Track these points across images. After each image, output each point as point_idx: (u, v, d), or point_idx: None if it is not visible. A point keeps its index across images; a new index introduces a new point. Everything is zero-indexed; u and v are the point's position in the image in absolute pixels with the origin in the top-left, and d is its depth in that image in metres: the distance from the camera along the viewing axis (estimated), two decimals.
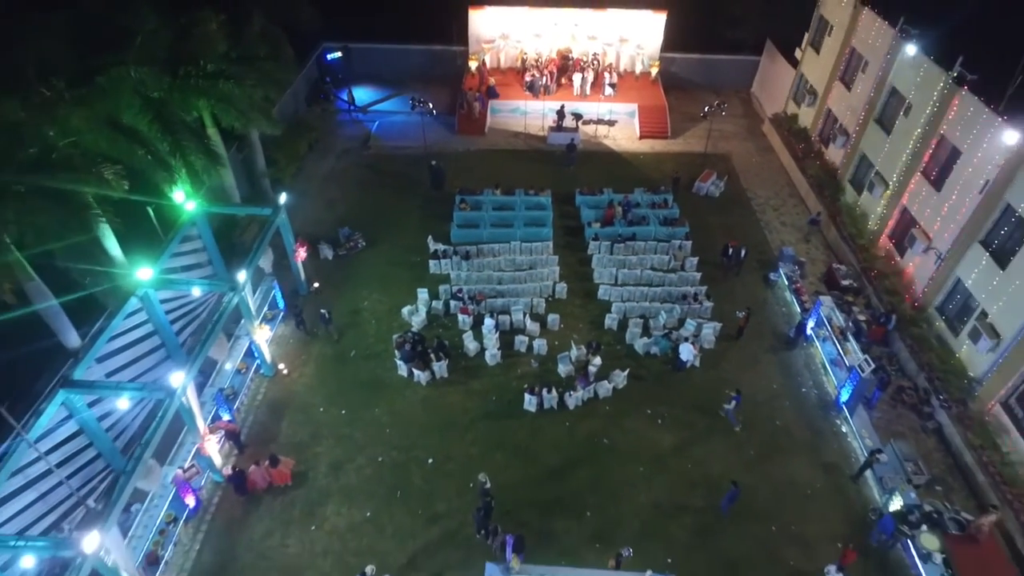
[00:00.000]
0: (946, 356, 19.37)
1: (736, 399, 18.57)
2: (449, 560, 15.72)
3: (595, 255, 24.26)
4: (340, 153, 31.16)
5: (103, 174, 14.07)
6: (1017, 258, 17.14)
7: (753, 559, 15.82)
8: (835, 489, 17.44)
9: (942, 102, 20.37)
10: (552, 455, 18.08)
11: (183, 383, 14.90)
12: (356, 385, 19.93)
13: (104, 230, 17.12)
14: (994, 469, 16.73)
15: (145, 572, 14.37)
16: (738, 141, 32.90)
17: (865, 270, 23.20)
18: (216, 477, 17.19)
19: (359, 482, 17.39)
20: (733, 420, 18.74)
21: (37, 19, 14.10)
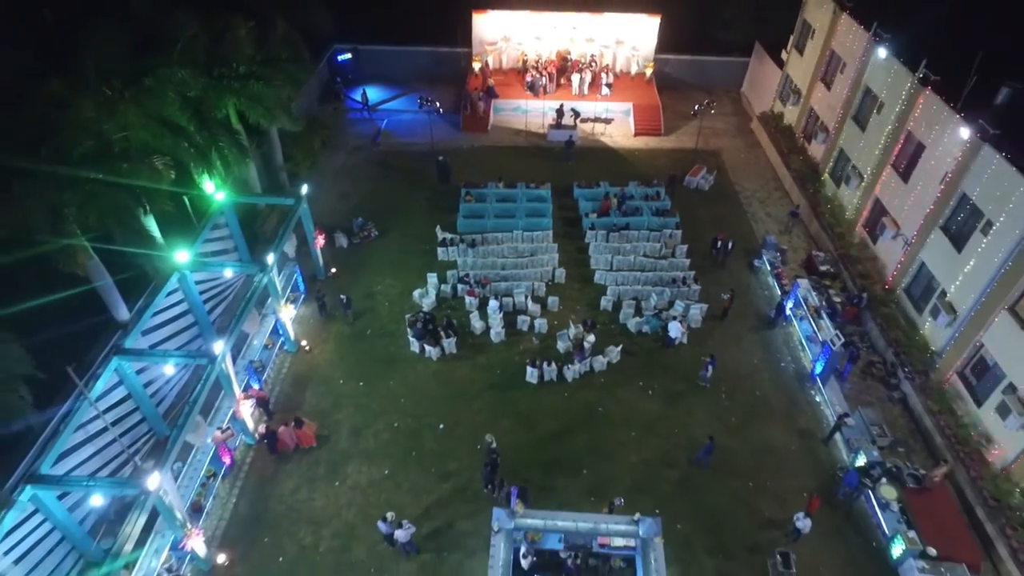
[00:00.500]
0: (911, 332, 21.24)
1: (711, 363, 20.47)
2: (460, 511, 17.56)
3: (592, 243, 26.12)
4: (351, 149, 32.98)
5: (155, 164, 15.88)
6: (970, 241, 19.00)
7: (732, 509, 17.67)
8: (807, 451, 19.30)
9: (909, 101, 22.23)
10: (552, 421, 19.93)
11: (223, 350, 16.75)
12: (372, 360, 21.77)
13: (148, 216, 18.90)
14: (950, 431, 18.59)
15: (190, 519, 16.18)
16: (728, 138, 34.74)
17: (842, 256, 25.07)
18: (248, 440, 19.04)
19: (377, 445, 19.24)
20: (705, 380, 20.60)
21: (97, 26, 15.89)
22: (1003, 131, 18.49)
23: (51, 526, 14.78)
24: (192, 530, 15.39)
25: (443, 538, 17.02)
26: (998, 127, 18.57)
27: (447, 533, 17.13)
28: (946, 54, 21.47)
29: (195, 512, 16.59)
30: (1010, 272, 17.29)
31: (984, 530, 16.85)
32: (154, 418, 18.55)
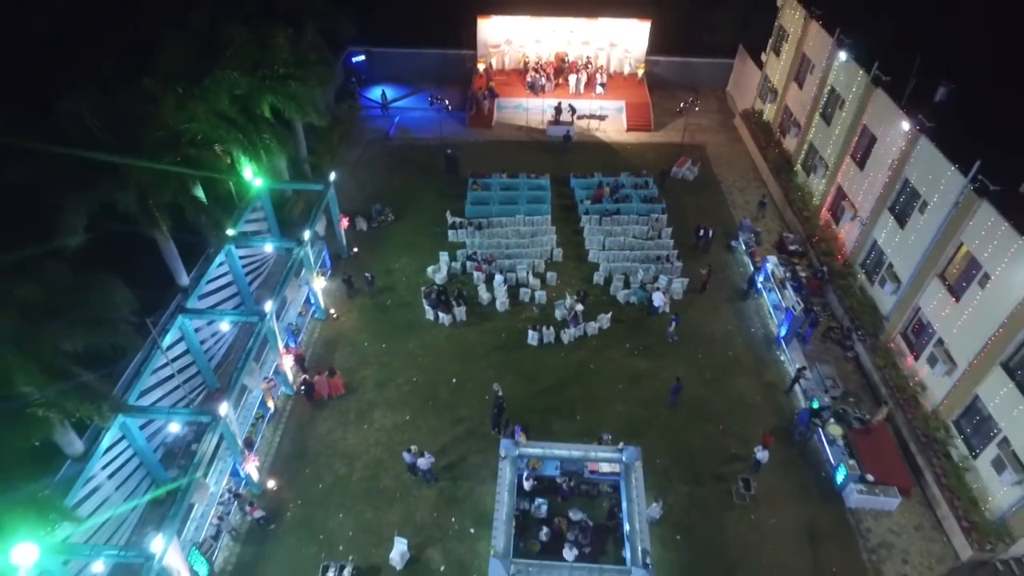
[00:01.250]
0: (864, 301, 24.27)
1: (675, 320, 23.67)
2: (471, 449, 20.58)
3: (586, 226, 29.13)
4: (366, 144, 35.98)
5: (216, 150, 18.90)
6: (911, 219, 22.02)
7: (703, 447, 20.70)
8: (771, 400, 22.33)
9: (864, 98, 25.25)
10: (550, 376, 22.95)
11: (272, 308, 19.78)
12: (393, 326, 24.80)
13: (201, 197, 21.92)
14: (892, 383, 21.61)
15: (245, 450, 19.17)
16: (712, 133, 37.75)
17: (809, 237, 28.10)
18: (288, 391, 22.06)
19: (399, 396, 22.26)
20: (672, 336, 23.66)
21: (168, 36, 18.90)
22: (938, 124, 21.50)
23: (132, 452, 17.82)
24: (248, 456, 18.43)
25: (457, 470, 20.05)
26: (934, 121, 21.59)
27: (460, 466, 20.16)
28: (897, 57, 24.43)
29: (247, 446, 19.59)
30: (939, 243, 20.32)
31: (915, 461, 19.86)
32: (206, 372, 21.56)
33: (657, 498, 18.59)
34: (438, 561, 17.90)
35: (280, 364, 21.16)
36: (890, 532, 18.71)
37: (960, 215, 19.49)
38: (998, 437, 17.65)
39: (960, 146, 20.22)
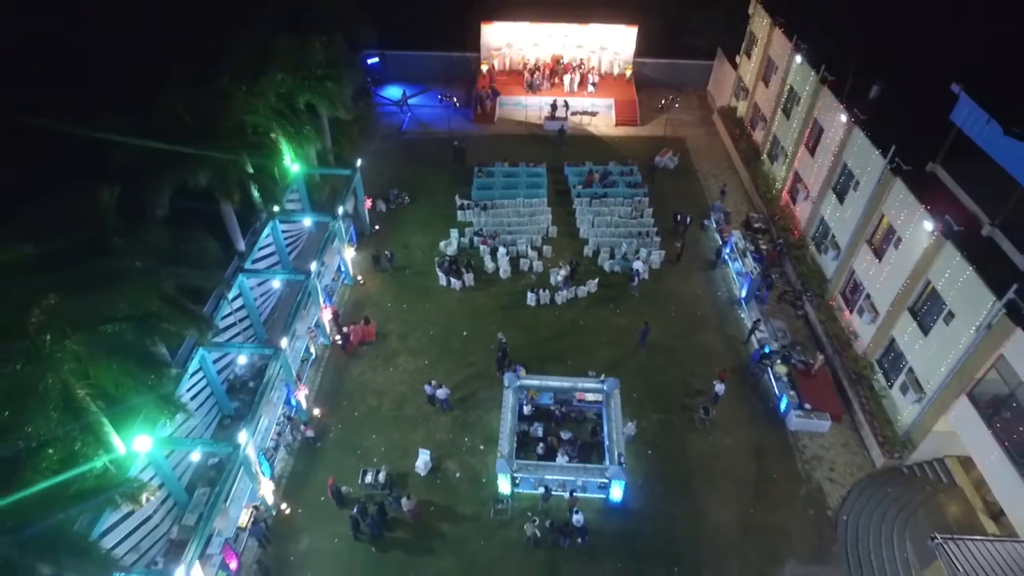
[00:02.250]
0: (813, 268, 28.51)
1: (637, 275, 28.07)
2: (479, 386, 24.77)
3: (578, 207, 33.34)
4: (382, 137, 40.18)
5: (271, 138, 23.13)
6: (848, 196, 26.25)
7: (672, 385, 24.89)
8: (731, 349, 26.56)
9: (814, 95, 29.47)
10: (545, 330, 27.17)
11: (316, 268, 24.02)
12: (411, 290, 29.02)
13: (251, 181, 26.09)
14: (832, 333, 25.84)
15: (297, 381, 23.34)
16: (692, 128, 41.97)
17: (771, 216, 32.34)
18: (326, 341, 26.25)
19: (418, 345, 26.47)
20: (634, 289, 27.93)
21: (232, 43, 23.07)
22: (869, 117, 25.73)
23: (207, 382, 21.99)
24: (300, 385, 22.66)
25: (468, 402, 24.27)
26: (866, 114, 25.82)
27: (471, 399, 24.38)
28: (842, 60, 28.61)
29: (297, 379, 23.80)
30: (867, 215, 24.56)
31: (847, 394, 24.09)
32: (257, 325, 25.72)
33: (632, 419, 22.83)
34: (454, 469, 22.13)
35: (321, 317, 25.38)
36: (821, 448, 22.95)
37: (881, 190, 23.74)
38: (906, 368, 21.88)
39: (884, 134, 24.43)
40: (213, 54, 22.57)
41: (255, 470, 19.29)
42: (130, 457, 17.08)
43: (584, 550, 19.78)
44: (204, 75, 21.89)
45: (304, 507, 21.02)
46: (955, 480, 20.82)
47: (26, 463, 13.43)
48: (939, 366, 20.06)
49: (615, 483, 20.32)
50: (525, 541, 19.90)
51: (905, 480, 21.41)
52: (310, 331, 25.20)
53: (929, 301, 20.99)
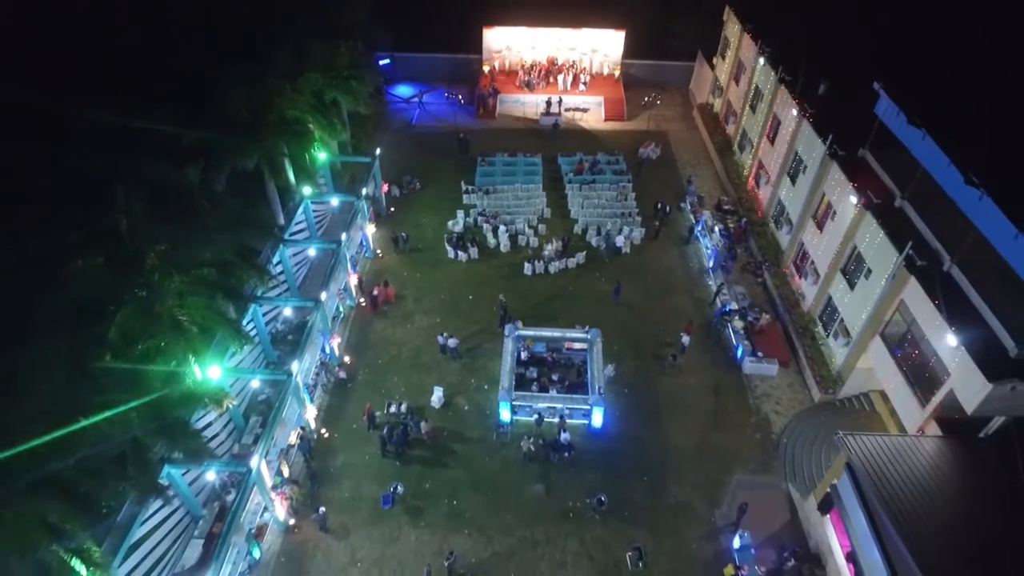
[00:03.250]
0: (772, 242, 32.96)
1: (606, 244, 32.32)
2: (484, 339, 29.17)
3: (569, 192, 37.77)
4: (394, 131, 44.59)
5: (311, 128, 27.57)
6: (799, 179, 30.70)
7: (647, 339, 29.30)
8: (698, 309, 30.99)
9: (774, 93, 33.92)
10: (540, 294, 31.59)
11: (345, 239, 28.45)
12: (424, 262, 33.43)
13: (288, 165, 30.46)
14: (784, 296, 30.30)
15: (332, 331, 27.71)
16: (674, 123, 46.41)
17: (739, 199, 36.78)
18: (351, 303, 30.67)
19: (431, 307, 30.90)
20: (604, 253, 32.44)
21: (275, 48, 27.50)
22: (816, 111, 30.15)
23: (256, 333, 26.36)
24: (334, 334, 27.09)
25: (474, 352, 28.68)
26: (814, 108, 30.25)
27: (476, 349, 28.80)
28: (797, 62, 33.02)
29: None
30: (813, 194, 29.02)
31: (794, 344, 28.54)
32: (293, 289, 30.13)
33: (611, 363, 27.29)
34: (463, 404, 26.59)
35: (348, 281, 29.82)
36: (770, 387, 27.41)
37: (822, 173, 28.20)
38: (839, 319, 26.34)
39: (827, 125, 28.83)
40: (263, 58, 26.94)
41: (302, 395, 23.75)
42: (208, 380, 21.52)
43: (569, 463, 24.22)
44: (256, 76, 26.28)
45: (340, 432, 25.48)
46: (875, 409, 25.26)
47: (148, 374, 17.82)
48: (861, 314, 24.52)
49: (596, 410, 24.80)
50: (522, 457, 24.34)
51: (836, 410, 25.86)
52: (339, 293, 29.62)
53: (855, 262, 25.44)
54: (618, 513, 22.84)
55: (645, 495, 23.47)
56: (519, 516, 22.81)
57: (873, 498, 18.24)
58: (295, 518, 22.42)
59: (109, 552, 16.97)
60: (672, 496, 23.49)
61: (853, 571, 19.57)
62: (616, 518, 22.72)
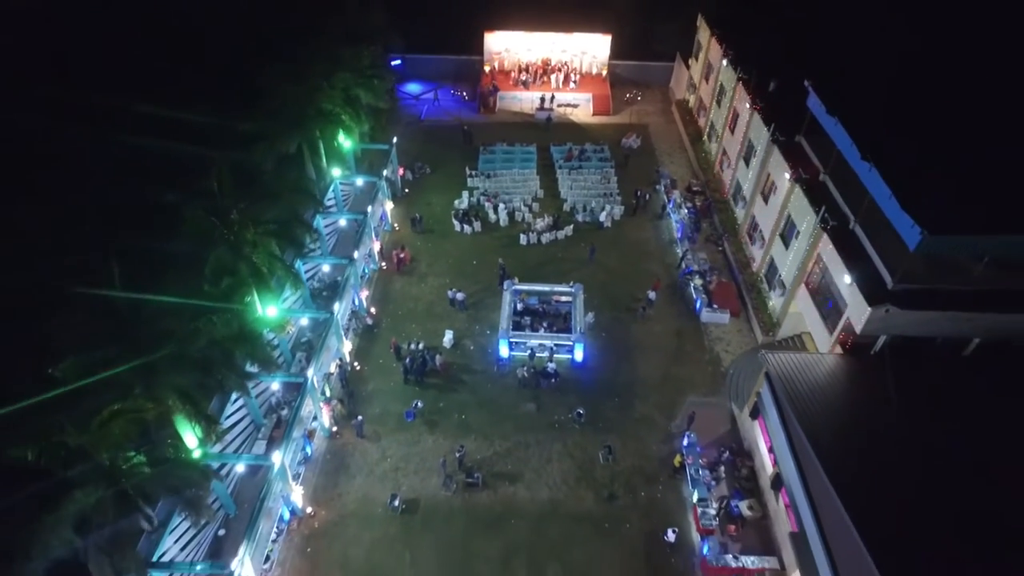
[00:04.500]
0: (732, 217, 38.73)
1: (579, 215, 38.13)
2: (486, 295, 34.90)
3: (560, 176, 43.54)
4: (405, 124, 50.29)
5: (343, 118, 33.34)
6: (751, 161, 36.45)
7: (622, 294, 35.07)
8: (667, 271, 36.77)
9: (734, 90, 39.67)
10: (534, 259, 37.34)
11: (371, 211, 34.21)
12: (435, 235, 39.20)
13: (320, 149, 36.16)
14: (739, 260, 36.08)
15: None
16: (654, 117, 52.18)
17: (707, 182, 42.56)
18: (374, 266, 36.41)
19: (442, 269, 36.66)
20: (579, 218, 38.30)
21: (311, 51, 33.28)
22: (765, 104, 35.88)
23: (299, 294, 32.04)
24: (363, 288, 32.85)
25: (478, 305, 34.43)
26: (763, 102, 35.99)
27: (480, 303, 34.54)
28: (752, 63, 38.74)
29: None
30: (760, 173, 34.78)
31: (744, 298, 34.32)
32: (324, 252, 35.83)
33: (591, 312, 33.05)
34: (469, 345, 32.35)
35: (373, 247, 35.59)
36: (722, 333, 33.18)
37: (767, 155, 33.96)
38: (777, 274, 32.09)
39: (772, 116, 34.56)
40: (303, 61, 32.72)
41: (340, 333, 29.51)
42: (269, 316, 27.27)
43: (555, 388, 30.00)
44: (298, 76, 32.06)
45: (369, 366, 31.25)
46: (805, 346, 30.99)
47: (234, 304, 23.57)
48: (792, 268, 30.29)
49: (577, 346, 30.59)
50: (517, 383, 30.11)
51: (773, 348, 31.55)
52: (365, 257, 35.36)
53: (789, 226, 31.19)
54: (593, 424, 28.62)
55: (616, 411, 29.26)
56: (515, 426, 28.60)
57: (784, 399, 23.92)
58: (337, 427, 28.21)
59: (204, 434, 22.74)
60: (637, 412, 29.28)
61: (772, 459, 25.30)
62: (592, 428, 28.50)
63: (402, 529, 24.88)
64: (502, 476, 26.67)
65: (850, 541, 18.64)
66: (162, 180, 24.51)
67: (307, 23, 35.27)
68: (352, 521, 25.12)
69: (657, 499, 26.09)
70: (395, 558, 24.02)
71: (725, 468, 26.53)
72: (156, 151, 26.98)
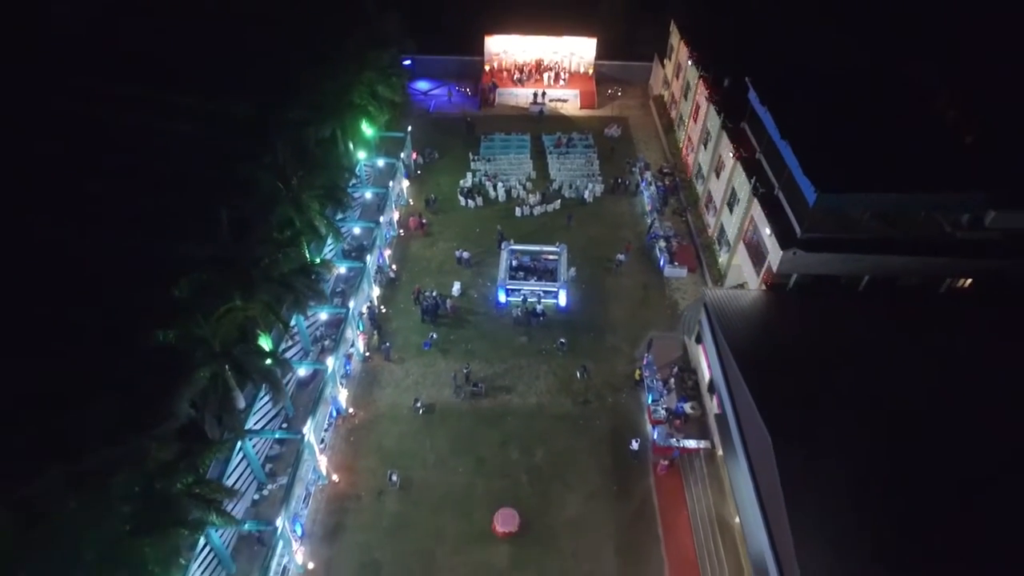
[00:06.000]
0: (694, 193, 46.02)
1: (566, 192, 45.43)
2: (486, 256, 42.12)
3: (550, 160, 50.83)
4: (415, 116, 57.45)
5: (370, 109, 40.62)
6: (707, 145, 43.71)
7: (599, 255, 42.34)
8: (638, 238, 44.06)
9: (696, 86, 46.92)
10: (526, 228, 44.58)
11: (393, 187, 41.50)
12: (443, 209, 46.45)
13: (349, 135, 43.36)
14: (697, 227, 43.38)
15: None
16: (634, 110, 59.43)
17: (675, 165, 49.87)
18: (394, 233, 43.66)
19: (450, 236, 43.94)
20: (557, 188, 45.56)
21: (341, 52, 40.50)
22: (719, 98, 43.11)
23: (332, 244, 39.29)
24: (385, 248, 40.15)
25: (480, 264, 41.69)
26: (718, 96, 43.23)
27: (482, 263, 41.80)
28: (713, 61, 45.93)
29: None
30: (714, 154, 42.06)
31: (700, 257, 41.61)
32: (355, 220, 43.05)
33: (573, 267, 40.33)
34: (473, 293, 39.66)
35: (393, 217, 42.87)
36: (681, 285, 40.49)
37: (719, 139, 41.23)
38: (725, 236, 39.37)
39: (724, 107, 41.78)
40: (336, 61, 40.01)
41: (371, 280, 36.80)
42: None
43: (543, 325, 37.29)
44: (333, 73, 39.36)
45: (392, 309, 38.55)
46: None
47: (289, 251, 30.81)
48: (734, 229, 37.55)
49: (561, 292, 37.89)
50: (512, 321, 37.40)
51: None
52: (388, 224, 42.62)
53: (732, 195, 38.47)
54: (573, 352, 35.92)
55: (591, 342, 36.59)
56: (510, 353, 35.92)
57: (715, 321, 31.12)
58: (369, 352, 35.50)
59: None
60: (608, 343, 36.61)
61: (709, 372, 32.55)
62: (572, 354, 35.79)
63: (423, 424, 32.19)
64: (500, 388, 33.99)
65: (754, 417, 25.82)
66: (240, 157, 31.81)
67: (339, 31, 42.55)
68: (384, 419, 32.45)
69: (621, 404, 33.44)
70: (418, 444, 31.33)
71: (675, 381, 33.79)
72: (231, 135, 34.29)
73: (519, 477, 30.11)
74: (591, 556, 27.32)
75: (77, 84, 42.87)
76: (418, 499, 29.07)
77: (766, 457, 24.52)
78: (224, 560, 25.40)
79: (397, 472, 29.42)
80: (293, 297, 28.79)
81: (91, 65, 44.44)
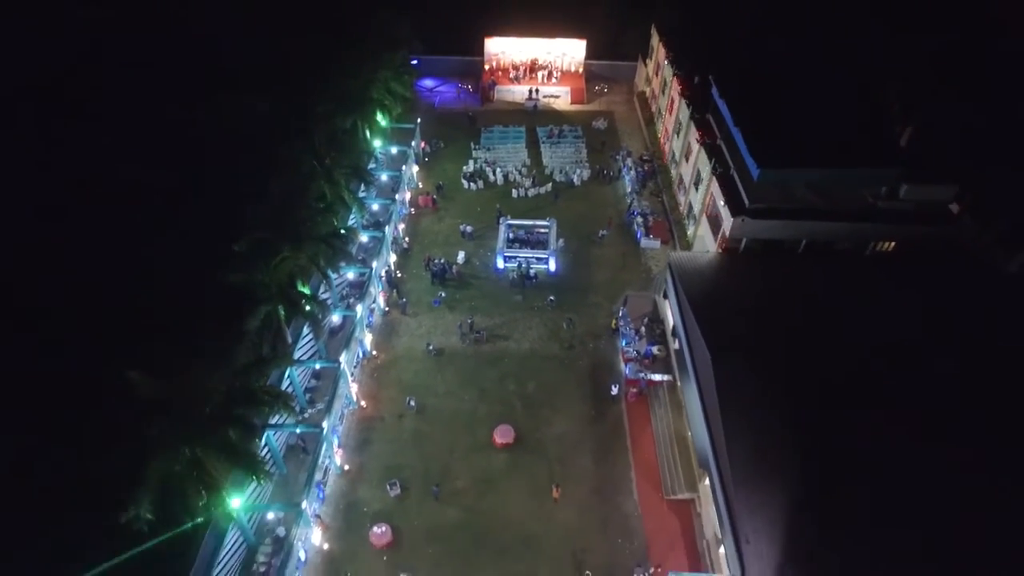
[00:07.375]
0: (669, 177, 52.44)
1: (557, 177, 51.87)
2: (487, 231, 48.51)
3: (543, 149, 57.23)
4: (422, 111, 63.85)
5: (386, 103, 46.98)
6: (680, 135, 50.11)
7: (585, 230, 48.73)
8: (619, 215, 50.46)
9: (672, 83, 53.31)
10: (524, 207, 50.93)
11: (406, 170, 47.92)
12: (449, 191, 52.82)
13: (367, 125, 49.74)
14: (671, 206, 49.80)
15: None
16: (619, 105, 65.83)
17: (654, 153, 56.30)
18: (403, 211, 50.03)
19: (455, 214, 50.35)
20: (557, 181, 51.98)
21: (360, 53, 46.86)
22: (690, 94, 49.48)
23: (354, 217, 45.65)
24: (401, 222, 46.55)
25: (482, 237, 48.08)
26: (689, 91, 49.61)
27: (483, 236, 48.18)
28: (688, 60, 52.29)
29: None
30: (685, 142, 48.47)
31: (672, 230, 48.03)
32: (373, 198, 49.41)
33: (561, 239, 46.75)
34: (475, 261, 46.10)
35: (404, 196, 49.29)
36: (655, 254, 46.92)
37: (688, 128, 47.64)
38: (693, 211, 45.79)
39: (694, 102, 48.14)
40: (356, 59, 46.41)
41: (389, 247, 43.21)
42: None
43: (535, 286, 43.73)
44: (355, 71, 45.74)
45: (406, 273, 44.98)
46: None
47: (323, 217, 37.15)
48: (699, 204, 43.96)
49: (551, 259, 44.31)
50: (509, 283, 43.83)
51: None
52: (401, 202, 48.99)
53: (698, 176, 44.89)
54: (561, 307, 42.36)
55: (576, 299, 43.03)
56: (508, 308, 42.36)
57: (677, 278, 37.44)
58: (388, 307, 41.91)
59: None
60: (591, 300, 43.05)
61: (672, 319, 38.91)
62: (560, 309, 42.22)
63: (435, 364, 38.61)
64: (498, 336, 40.43)
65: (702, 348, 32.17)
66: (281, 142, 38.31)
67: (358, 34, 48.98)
68: (402, 360, 38.87)
69: (600, 348, 39.89)
70: (431, 379, 37.76)
71: (645, 329, 40.16)
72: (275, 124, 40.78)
73: (514, 403, 36.53)
74: (572, 461, 33.75)
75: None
76: (432, 419, 35.49)
77: (710, 377, 30.93)
78: (278, 462, 31.82)
79: (414, 398, 35.85)
80: (331, 252, 35.09)
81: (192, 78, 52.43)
